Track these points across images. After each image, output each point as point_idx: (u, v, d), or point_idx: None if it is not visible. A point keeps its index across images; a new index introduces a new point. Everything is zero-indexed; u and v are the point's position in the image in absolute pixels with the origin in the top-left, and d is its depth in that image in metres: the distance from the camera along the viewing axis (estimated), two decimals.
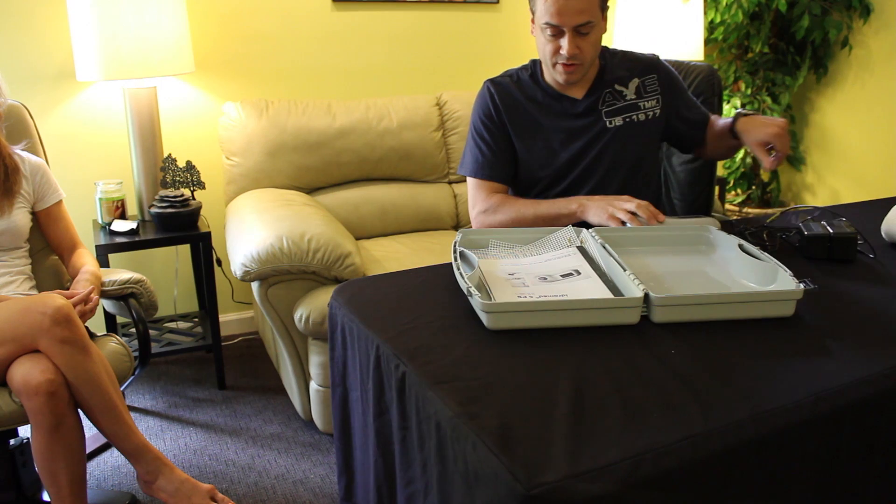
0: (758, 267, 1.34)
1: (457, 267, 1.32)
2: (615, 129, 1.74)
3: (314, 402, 2.21)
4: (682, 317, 1.21)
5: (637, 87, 1.76)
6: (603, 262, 1.38)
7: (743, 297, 1.25)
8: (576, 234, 1.49)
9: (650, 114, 1.77)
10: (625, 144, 1.75)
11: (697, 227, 1.55)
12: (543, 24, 1.61)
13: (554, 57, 1.65)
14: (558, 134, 1.74)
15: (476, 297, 1.19)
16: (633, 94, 1.76)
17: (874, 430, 1.08)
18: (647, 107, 1.76)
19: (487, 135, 1.77)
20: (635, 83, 1.77)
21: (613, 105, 1.74)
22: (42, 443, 1.59)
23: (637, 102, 1.76)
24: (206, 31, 2.76)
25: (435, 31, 3.14)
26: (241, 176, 2.61)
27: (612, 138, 1.73)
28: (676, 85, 1.84)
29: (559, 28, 1.59)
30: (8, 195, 1.86)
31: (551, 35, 1.62)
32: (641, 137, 1.77)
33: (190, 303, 2.98)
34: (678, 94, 1.83)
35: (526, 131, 1.76)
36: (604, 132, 1.74)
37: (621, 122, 1.74)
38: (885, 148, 3.29)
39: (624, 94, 1.76)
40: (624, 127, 1.75)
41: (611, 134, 1.74)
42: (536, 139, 1.75)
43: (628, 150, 1.75)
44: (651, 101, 1.77)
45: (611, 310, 1.20)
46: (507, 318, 1.19)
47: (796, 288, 1.22)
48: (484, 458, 0.89)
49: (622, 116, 1.74)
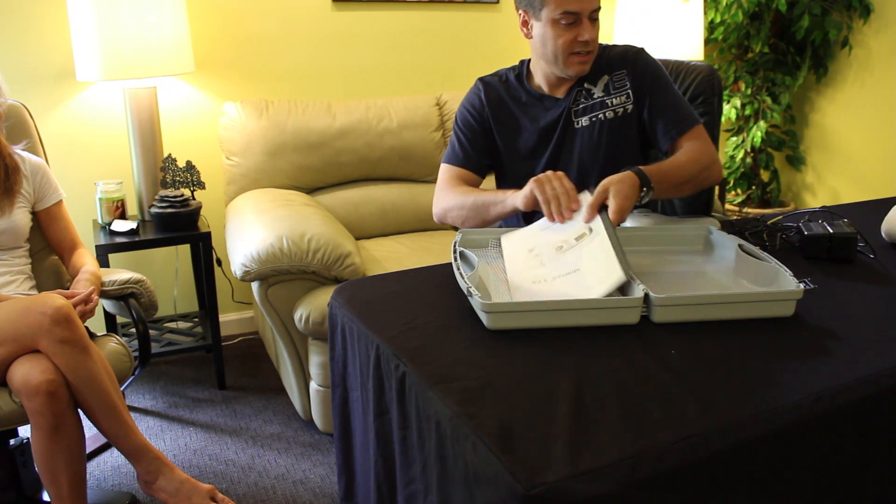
0: (758, 267, 1.34)
1: (457, 267, 1.32)
2: (582, 129, 1.70)
3: (314, 402, 2.21)
4: (682, 317, 1.21)
5: (605, 84, 1.71)
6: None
7: (743, 297, 1.25)
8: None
9: (619, 110, 1.70)
10: (593, 145, 1.70)
11: (697, 227, 1.55)
12: (559, 14, 1.58)
13: (570, 47, 1.62)
14: (535, 135, 1.74)
15: (476, 297, 1.19)
16: (601, 92, 1.71)
17: (874, 430, 1.08)
18: (615, 104, 1.70)
19: (465, 127, 1.78)
20: (604, 80, 1.71)
21: (582, 104, 1.70)
22: (42, 443, 1.59)
23: (605, 100, 1.70)
24: (206, 31, 2.75)
25: (435, 31, 3.14)
26: (241, 176, 2.61)
27: (580, 139, 1.71)
28: (651, 82, 1.71)
29: (578, 15, 1.58)
30: (8, 195, 1.86)
31: (567, 25, 1.59)
32: (612, 136, 1.71)
33: (190, 303, 2.98)
34: (652, 92, 1.71)
35: (509, 131, 1.75)
36: (573, 133, 1.71)
37: (587, 123, 1.70)
38: (885, 148, 3.28)
39: (592, 92, 1.71)
40: (590, 127, 1.70)
41: (579, 134, 1.71)
42: (518, 140, 1.75)
43: (598, 150, 1.71)
44: (620, 97, 1.70)
45: (611, 310, 1.20)
46: (508, 317, 1.19)
47: (796, 288, 1.22)
48: (484, 458, 0.89)
49: (588, 116, 1.70)
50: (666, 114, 1.70)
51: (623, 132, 1.71)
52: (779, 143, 3.54)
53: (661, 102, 1.70)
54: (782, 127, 3.63)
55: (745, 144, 3.48)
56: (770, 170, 3.57)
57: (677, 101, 1.72)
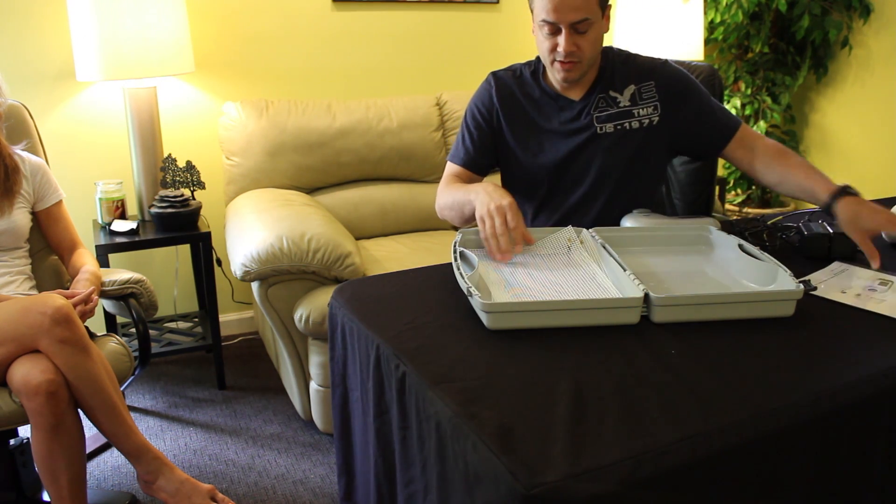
0: (758, 267, 1.34)
1: (457, 267, 1.32)
2: (605, 135, 1.70)
3: (314, 402, 2.21)
4: (682, 317, 1.21)
5: (633, 94, 1.71)
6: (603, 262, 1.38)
7: (743, 297, 1.25)
8: (576, 234, 1.49)
9: (645, 121, 1.71)
10: (615, 152, 1.71)
11: (697, 227, 1.55)
12: (541, 21, 1.60)
13: (551, 54, 1.63)
14: (550, 134, 1.73)
15: (476, 297, 1.19)
16: (627, 101, 1.71)
17: (874, 430, 1.08)
18: (641, 114, 1.70)
19: (473, 126, 1.78)
20: (631, 90, 1.72)
21: (605, 111, 1.70)
22: (42, 443, 1.59)
23: (631, 109, 1.71)
24: (206, 31, 2.76)
25: (435, 31, 3.14)
26: (241, 176, 2.61)
27: (602, 145, 1.70)
28: (684, 92, 1.72)
29: (556, 25, 1.58)
30: (8, 195, 1.86)
31: (549, 33, 1.61)
32: (634, 146, 1.71)
33: (190, 303, 2.98)
34: (687, 102, 1.71)
35: (520, 127, 1.75)
36: (593, 138, 1.71)
37: (612, 130, 1.70)
38: (885, 148, 3.29)
39: (618, 100, 1.71)
40: (615, 134, 1.70)
41: (600, 140, 1.70)
42: (529, 138, 1.75)
43: (619, 157, 1.71)
44: (647, 109, 1.71)
45: (611, 310, 1.20)
46: (508, 317, 1.19)
47: (796, 288, 1.22)
48: (484, 458, 0.89)
49: (614, 123, 1.70)
50: (709, 120, 1.71)
51: (648, 143, 1.72)
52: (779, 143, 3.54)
53: (700, 110, 1.71)
54: (782, 127, 3.63)
55: None
56: None
57: (716, 105, 1.74)
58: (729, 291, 1.31)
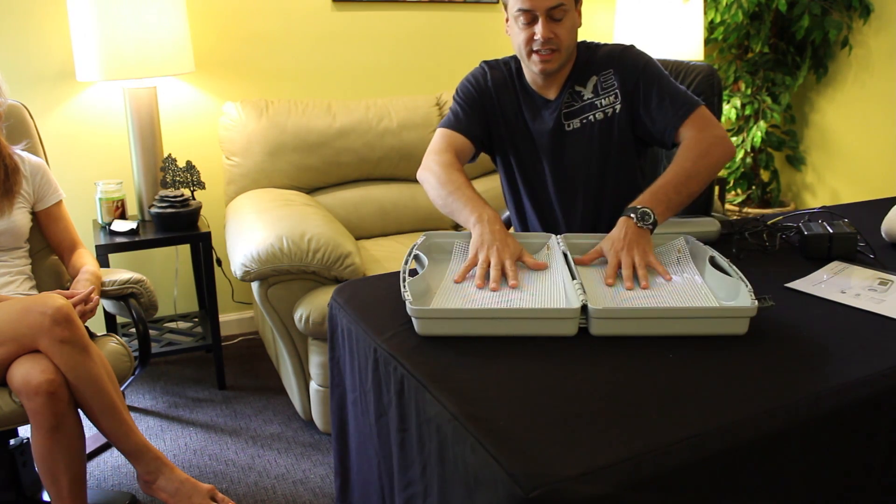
0: (722, 281, 1.29)
1: (403, 271, 1.30)
2: (572, 132, 1.68)
3: (314, 402, 2.21)
4: (621, 330, 1.17)
5: (594, 85, 1.67)
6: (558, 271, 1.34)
7: (684, 312, 1.18)
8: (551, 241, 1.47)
9: (608, 111, 1.66)
10: (584, 148, 1.68)
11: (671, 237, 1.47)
12: (516, 11, 1.57)
13: (528, 45, 1.59)
14: (529, 133, 1.72)
15: (408, 302, 1.17)
16: (590, 93, 1.67)
17: (874, 430, 1.08)
18: (604, 104, 1.66)
19: (465, 97, 1.72)
20: (593, 81, 1.67)
21: (572, 106, 1.67)
22: (42, 443, 1.60)
23: (594, 101, 1.67)
24: (206, 31, 2.76)
25: (435, 31, 3.14)
26: (241, 176, 2.61)
27: (570, 142, 1.68)
28: (642, 75, 1.64)
29: (532, 13, 1.56)
30: (8, 195, 1.86)
31: (525, 23, 1.57)
32: (602, 138, 1.67)
33: (190, 303, 2.98)
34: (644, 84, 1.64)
35: (510, 116, 1.72)
36: (563, 136, 1.68)
37: (578, 125, 1.67)
38: (885, 148, 3.28)
39: (582, 94, 1.67)
40: (581, 129, 1.67)
41: (569, 137, 1.68)
42: (516, 133, 1.71)
43: (590, 153, 1.68)
44: (609, 98, 1.66)
45: (547, 320, 1.17)
46: (438, 324, 1.17)
47: (751, 305, 1.15)
48: (483, 460, 0.89)
49: (579, 119, 1.67)
50: (661, 107, 1.61)
51: (612, 133, 1.67)
52: (779, 143, 3.54)
53: (654, 96, 1.62)
54: (782, 127, 3.63)
55: (745, 144, 3.48)
56: (770, 170, 3.57)
57: (671, 90, 1.62)
58: (668, 306, 1.22)
